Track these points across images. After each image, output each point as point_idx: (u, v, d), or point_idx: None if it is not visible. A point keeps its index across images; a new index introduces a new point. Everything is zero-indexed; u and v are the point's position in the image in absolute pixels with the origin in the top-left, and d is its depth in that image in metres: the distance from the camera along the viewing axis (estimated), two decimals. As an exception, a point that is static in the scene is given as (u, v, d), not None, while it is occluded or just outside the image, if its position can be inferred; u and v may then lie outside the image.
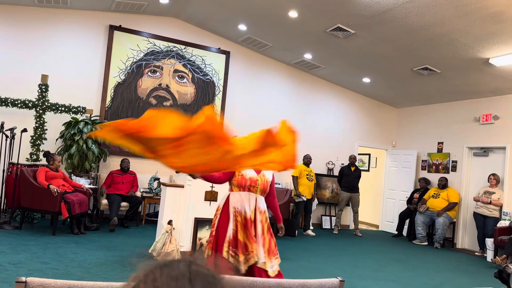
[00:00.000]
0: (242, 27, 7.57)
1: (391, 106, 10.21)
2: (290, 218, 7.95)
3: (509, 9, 5.00)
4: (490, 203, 7.32)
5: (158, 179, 7.34)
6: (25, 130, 6.16)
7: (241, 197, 3.23)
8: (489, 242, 6.98)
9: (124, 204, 6.74)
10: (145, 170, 7.65)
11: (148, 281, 0.63)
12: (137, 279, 0.64)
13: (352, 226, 9.17)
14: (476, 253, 7.53)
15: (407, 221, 8.84)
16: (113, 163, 7.44)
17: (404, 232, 8.92)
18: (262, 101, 8.82)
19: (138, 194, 7.11)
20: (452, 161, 8.62)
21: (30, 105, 6.59)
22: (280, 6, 6.32)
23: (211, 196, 4.93)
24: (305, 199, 7.98)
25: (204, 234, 4.90)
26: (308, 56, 8.20)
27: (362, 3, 5.63)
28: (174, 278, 0.62)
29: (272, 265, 3.08)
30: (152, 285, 0.62)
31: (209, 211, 4.91)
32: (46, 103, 6.67)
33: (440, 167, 8.86)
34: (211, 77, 8.32)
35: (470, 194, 8.24)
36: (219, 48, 8.36)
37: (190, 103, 8.14)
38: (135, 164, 7.54)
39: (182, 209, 4.87)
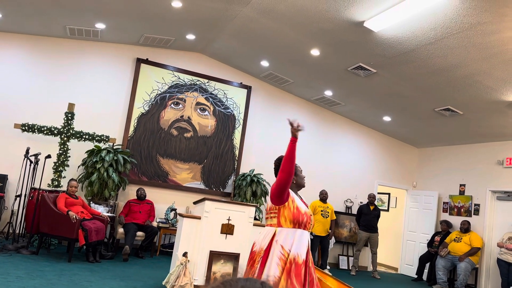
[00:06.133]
0: (265, 63, 7.72)
1: (412, 145, 10.10)
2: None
3: (533, 53, 4.99)
4: (515, 249, 7.05)
5: (175, 209, 7.35)
6: (49, 156, 6.31)
7: (296, 237, 2.59)
8: (515, 291, 6.67)
9: (140, 233, 6.74)
10: (162, 200, 7.69)
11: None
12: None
13: (370, 268, 8.91)
14: (500, 302, 7.19)
15: (428, 264, 8.55)
16: (132, 191, 7.50)
17: (424, 276, 8.61)
18: (282, 135, 8.85)
19: (154, 224, 7.11)
20: (475, 204, 8.39)
21: (56, 132, 6.77)
22: (303, 45, 6.45)
23: (227, 229, 4.89)
24: (311, 238, 7.81)
25: (219, 268, 4.83)
26: (328, 93, 8.27)
27: (384, 44, 5.70)
28: None
29: None
30: None
31: (225, 244, 4.86)
32: (71, 131, 6.85)
33: (462, 210, 8.63)
34: (232, 110, 8.44)
35: (493, 239, 7.96)
36: (241, 82, 8.52)
37: (210, 135, 8.24)
38: (152, 194, 7.59)
39: (198, 241, 4.83)
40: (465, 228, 8.04)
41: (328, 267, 8.09)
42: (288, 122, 2.69)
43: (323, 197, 8.11)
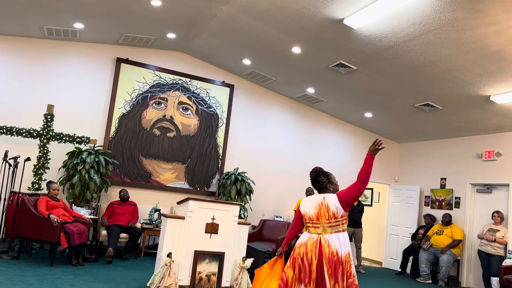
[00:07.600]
0: (247, 61, 7.72)
1: (393, 141, 10.24)
2: (290, 252, 7.82)
3: (509, 48, 5.10)
4: (494, 241, 7.21)
5: (158, 210, 7.30)
6: (28, 159, 6.19)
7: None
8: (495, 281, 6.82)
9: (123, 235, 6.67)
10: (145, 201, 7.63)
11: None
12: None
13: (355, 262, 9.00)
14: (481, 293, 7.35)
15: (411, 258, 8.68)
16: (114, 193, 7.42)
17: (408, 270, 8.75)
18: (265, 133, 8.88)
19: (138, 225, 7.05)
20: (455, 198, 8.55)
21: (35, 134, 6.65)
22: (284, 43, 6.47)
23: (212, 228, 4.89)
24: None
25: (204, 268, 4.82)
26: (310, 90, 8.31)
27: (363, 41, 5.76)
28: None
29: None
30: None
31: (210, 243, 4.85)
32: (50, 133, 6.74)
33: (443, 203, 8.79)
34: (214, 109, 8.41)
35: (474, 231, 8.14)
36: (224, 81, 8.50)
37: (193, 134, 8.20)
38: (135, 195, 7.53)
39: (182, 241, 4.81)
40: (447, 221, 8.20)
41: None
42: (374, 142, 3.13)
43: (310, 194, 8.15)
